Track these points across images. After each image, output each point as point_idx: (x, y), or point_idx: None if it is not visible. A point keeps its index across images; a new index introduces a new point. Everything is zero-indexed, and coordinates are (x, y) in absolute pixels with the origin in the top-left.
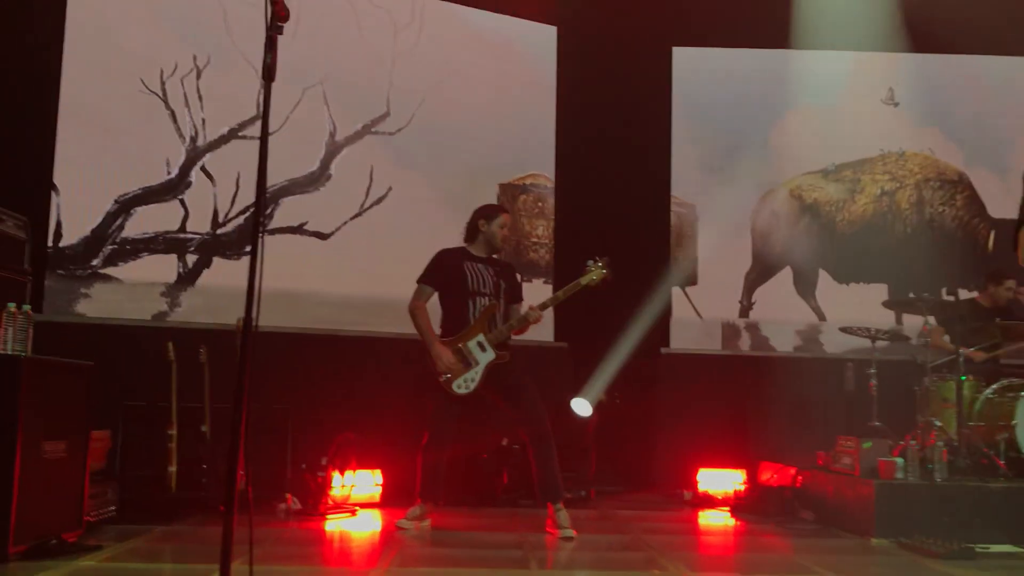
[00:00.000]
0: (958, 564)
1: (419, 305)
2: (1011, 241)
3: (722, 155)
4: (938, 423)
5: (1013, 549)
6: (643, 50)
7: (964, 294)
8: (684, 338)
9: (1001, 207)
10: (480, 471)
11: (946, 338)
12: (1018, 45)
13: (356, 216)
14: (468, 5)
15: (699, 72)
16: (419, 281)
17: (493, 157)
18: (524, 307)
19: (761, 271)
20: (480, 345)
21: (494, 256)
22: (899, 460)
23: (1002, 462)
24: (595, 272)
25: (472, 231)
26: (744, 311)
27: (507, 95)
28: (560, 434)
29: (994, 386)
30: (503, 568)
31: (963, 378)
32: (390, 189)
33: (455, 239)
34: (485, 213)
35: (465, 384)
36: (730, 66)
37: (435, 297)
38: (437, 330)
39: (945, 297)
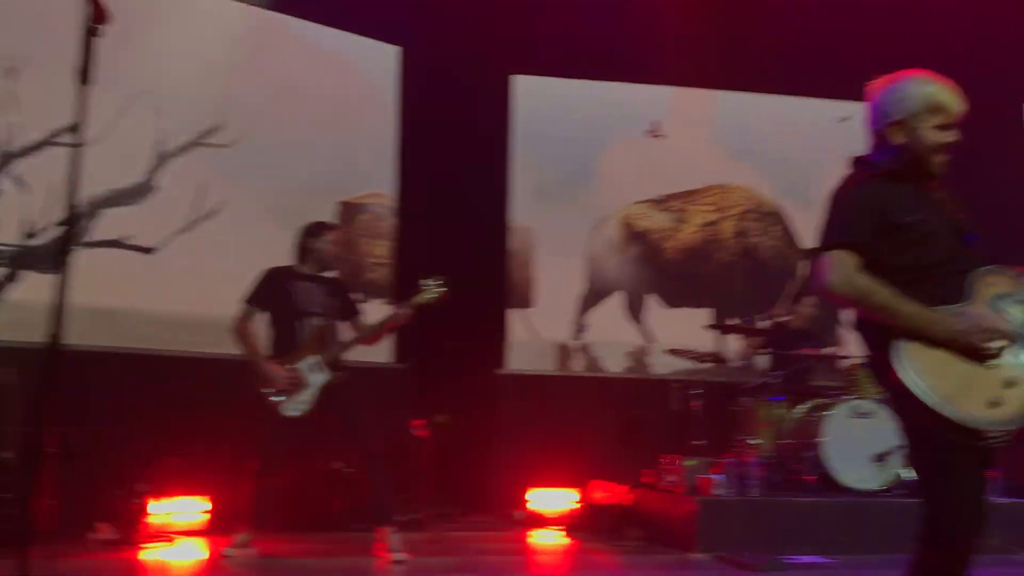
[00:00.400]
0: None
1: (244, 326)
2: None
3: (559, 181)
4: (754, 441)
5: (820, 559)
6: (485, 75)
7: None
8: (520, 359)
9: (807, 239)
10: (311, 495)
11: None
12: (817, 87)
13: (183, 231)
14: (309, 19)
15: (538, 100)
16: (245, 301)
17: (331, 175)
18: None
19: (594, 294)
20: (313, 366)
21: (325, 274)
22: (719, 477)
23: (809, 478)
24: (430, 291)
25: (301, 249)
26: (578, 333)
27: (347, 113)
28: (394, 456)
29: (804, 406)
30: None
31: (779, 399)
32: (221, 204)
33: (290, 257)
34: (312, 230)
35: (297, 406)
36: (567, 95)
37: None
38: (268, 351)
39: (761, 322)
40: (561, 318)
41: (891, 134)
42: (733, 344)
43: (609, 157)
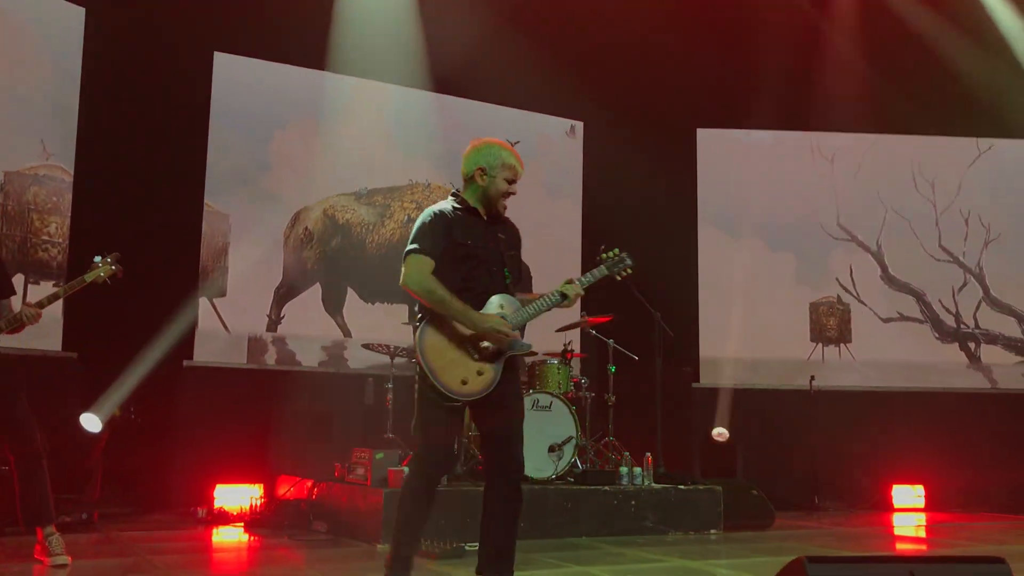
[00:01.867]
0: (449, 563)
1: None
2: None
3: (256, 167)
4: None
5: None
6: (184, 50)
7: None
8: (209, 350)
9: None
10: None
11: None
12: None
13: None
14: None
15: (238, 80)
16: None
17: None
18: (17, 304)
19: (292, 286)
20: None
21: None
22: (407, 469)
23: None
24: (103, 268)
25: None
26: (272, 325)
27: (23, 75)
28: (62, 452)
29: None
30: None
31: None
32: None
33: None
34: None
35: None
36: (270, 79)
37: None
38: None
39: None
40: (255, 309)
41: (477, 178)
42: None
43: (310, 145)
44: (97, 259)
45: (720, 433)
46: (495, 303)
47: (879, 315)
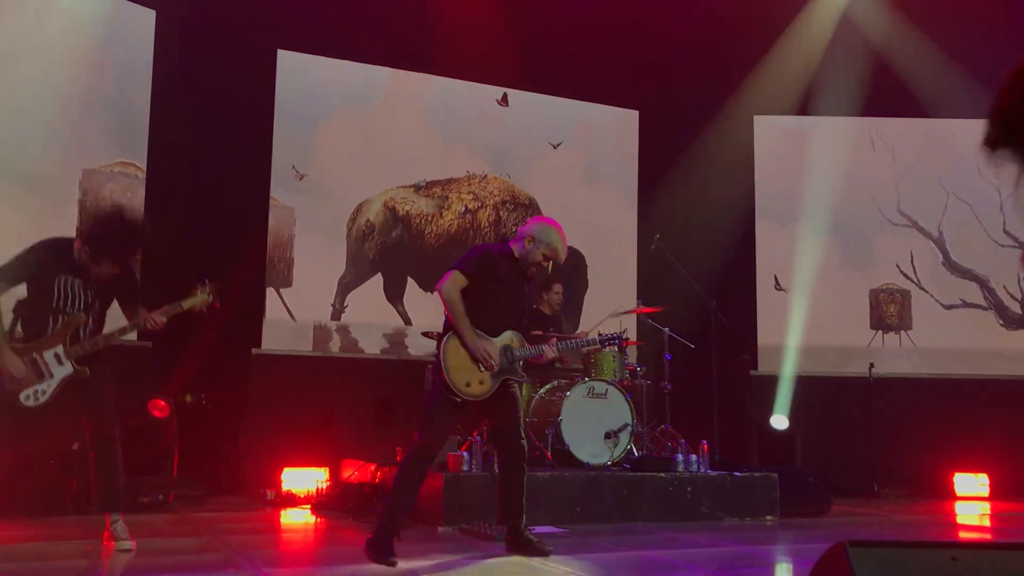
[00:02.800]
0: (503, 543)
1: None
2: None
3: (319, 162)
4: None
5: (554, 529)
6: (249, 48)
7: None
8: (276, 339)
9: None
10: (46, 478)
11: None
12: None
13: None
14: None
15: (302, 78)
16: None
17: (78, 140)
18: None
19: (354, 276)
20: (58, 357)
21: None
22: (465, 455)
23: (549, 454)
24: (200, 297)
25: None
26: (336, 314)
27: (98, 75)
28: (140, 437)
29: (546, 386)
30: None
31: (522, 380)
32: None
33: (29, 228)
34: (120, 234)
35: (34, 396)
36: (331, 75)
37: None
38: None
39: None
40: (319, 299)
41: (527, 241)
42: None
43: (372, 139)
44: (198, 289)
45: (779, 420)
46: (508, 336)
47: (941, 302)
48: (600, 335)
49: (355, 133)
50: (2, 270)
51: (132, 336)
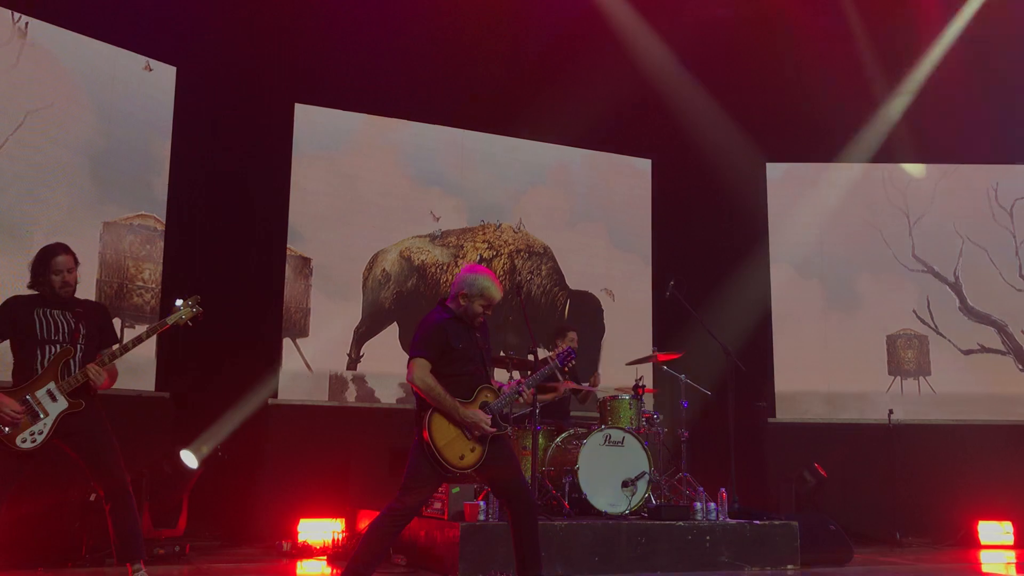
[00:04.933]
0: None
1: None
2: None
3: (335, 213)
4: None
5: None
6: (266, 101)
7: (543, 352)
8: (293, 389)
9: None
10: (61, 528)
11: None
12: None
13: None
14: (82, 33)
15: (318, 128)
16: None
17: (97, 194)
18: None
19: (370, 326)
20: (50, 394)
21: (71, 300)
22: (482, 504)
23: (567, 503)
24: (184, 311)
25: (33, 280)
26: (352, 364)
27: (118, 130)
28: (155, 487)
29: (563, 435)
30: None
31: (539, 428)
32: None
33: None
34: (40, 258)
35: (31, 438)
36: (346, 127)
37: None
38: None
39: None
40: (335, 348)
41: (460, 298)
42: (500, 376)
43: (387, 190)
44: (179, 302)
45: (813, 473)
46: (482, 394)
47: (959, 347)
48: (558, 354)
49: (372, 184)
50: None
51: (151, 386)
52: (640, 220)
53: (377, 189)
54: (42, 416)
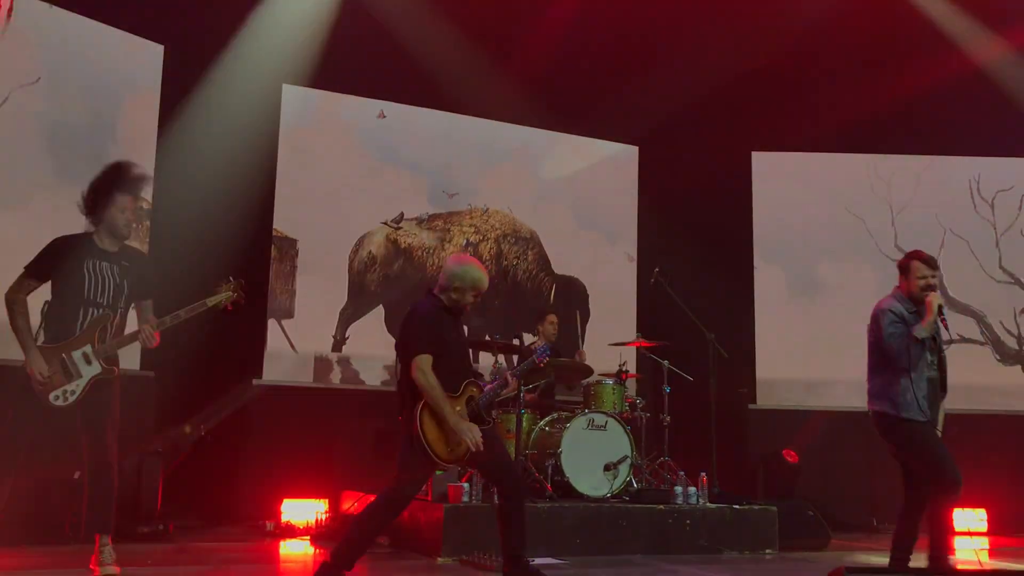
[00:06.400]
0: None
1: (19, 298)
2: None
3: (322, 194)
4: None
5: (553, 560)
6: (253, 84)
7: (528, 338)
8: (277, 370)
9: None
10: (47, 505)
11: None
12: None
13: None
14: (73, 11)
15: (304, 110)
16: (26, 268)
17: (79, 170)
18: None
19: (356, 308)
20: (86, 356)
21: (122, 247)
22: (466, 485)
23: (549, 485)
24: (224, 294)
25: (91, 211)
26: (337, 346)
27: (108, 110)
28: (138, 466)
29: (547, 418)
30: None
31: (523, 412)
32: None
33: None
34: (102, 186)
35: (63, 396)
36: (333, 109)
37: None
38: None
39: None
40: (321, 330)
41: (452, 292)
42: (486, 360)
43: (375, 174)
44: (222, 284)
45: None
46: (468, 389)
47: None
48: (535, 350)
49: (359, 166)
50: (29, 267)
51: (135, 365)
52: (626, 207)
53: (365, 171)
54: (76, 377)
